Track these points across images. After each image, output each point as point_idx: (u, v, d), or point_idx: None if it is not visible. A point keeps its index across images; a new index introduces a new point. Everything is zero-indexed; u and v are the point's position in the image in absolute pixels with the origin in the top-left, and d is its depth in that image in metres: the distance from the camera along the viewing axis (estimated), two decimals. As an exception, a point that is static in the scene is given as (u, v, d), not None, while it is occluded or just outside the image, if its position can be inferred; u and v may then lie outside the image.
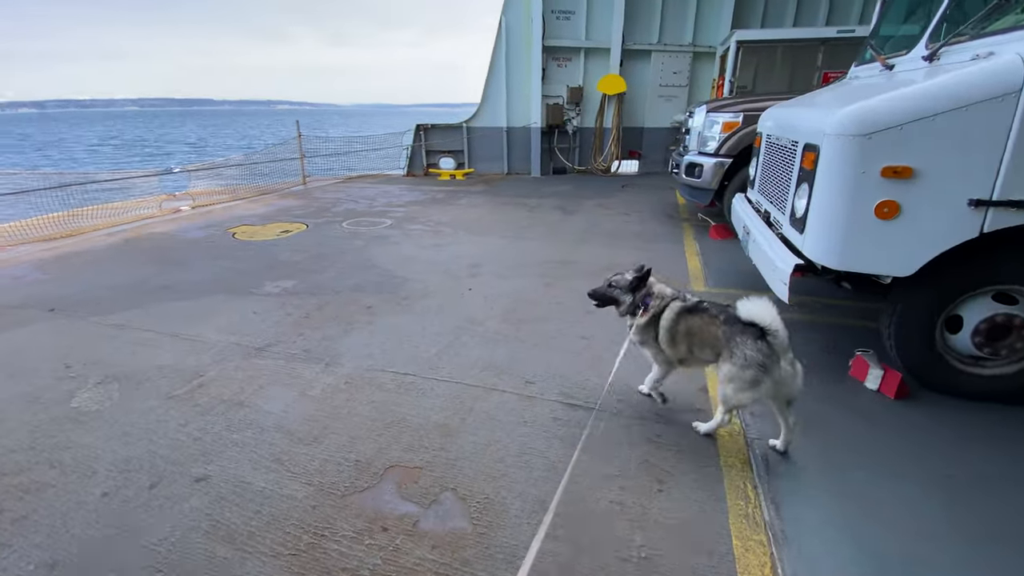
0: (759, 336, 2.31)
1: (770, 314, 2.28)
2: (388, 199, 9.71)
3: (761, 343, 2.30)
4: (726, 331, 2.45)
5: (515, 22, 12.43)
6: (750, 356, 2.32)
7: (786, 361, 2.32)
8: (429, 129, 13.13)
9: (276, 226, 7.51)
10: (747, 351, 2.33)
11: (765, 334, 2.30)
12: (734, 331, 2.41)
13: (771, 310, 2.29)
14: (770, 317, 2.28)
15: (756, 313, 2.31)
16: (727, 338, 2.44)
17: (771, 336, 2.29)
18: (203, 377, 3.33)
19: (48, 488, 2.38)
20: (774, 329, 2.28)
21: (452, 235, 6.98)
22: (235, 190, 10.37)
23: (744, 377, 2.34)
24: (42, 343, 3.83)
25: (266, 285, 5.03)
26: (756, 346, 2.31)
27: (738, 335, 2.38)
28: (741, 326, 2.38)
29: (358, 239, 6.77)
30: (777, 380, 2.31)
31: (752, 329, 2.33)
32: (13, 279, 5.24)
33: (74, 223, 7.50)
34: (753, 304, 2.33)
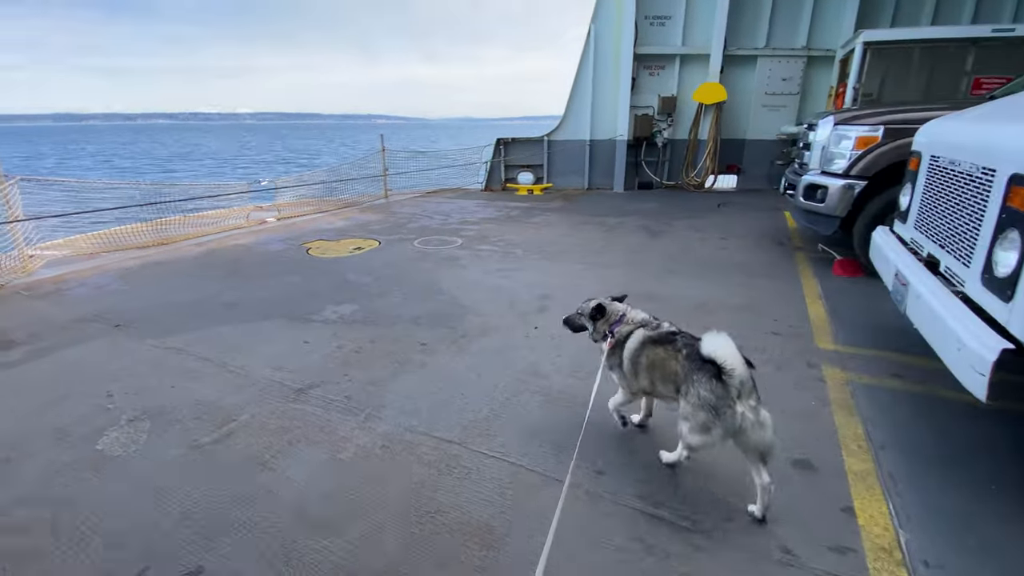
0: (715, 375, 2.09)
1: (729, 351, 2.06)
2: (463, 215, 9.40)
3: (716, 383, 2.09)
4: (685, 367, 2.27)
5: (604, 30, 11.76)
6: (703, 396, 2.13)
7: (746, 407, 2.07)
8: (509, 143, 12.78)
9: (350, 242, 7.40)
10: (701, 390, 2.14)
11: (722, 373, 2.06)
12: (692, 367, 2.21)
13: (730, 347, 2.07)
14: (728, 354, 2.06)
15: (715, 349, 2.09)
16: (685, 374, 2.26)
17: (727, 376, 2.05)
18: (235, 422, 3.00)
19: (33, 560, 2.08)
20: (730, 368, 2.05)
21: (523, 259, 6.43)
22: (320, 202, 10.62)
23: (696, 419, 2.16)
24: (96, 364, 3.75)
25: (326, 309, 4.76)
26: (710, 386, 2.11)
27: (695, 372, 2.19)
28: (700, 363, 2.16)
29: (427, 260, 6.42)
30: (733, 427, 2.07)
31: (709, 367, 2.11)
32: (96, 288, 5.43)
33: (168, 231, 7.90)
34: (714, 339, 2.11)
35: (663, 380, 2.41)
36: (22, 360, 3.83)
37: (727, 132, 11.98)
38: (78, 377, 3.56)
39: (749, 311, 4.56)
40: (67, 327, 4.41)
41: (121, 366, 3.71)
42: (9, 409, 3.19)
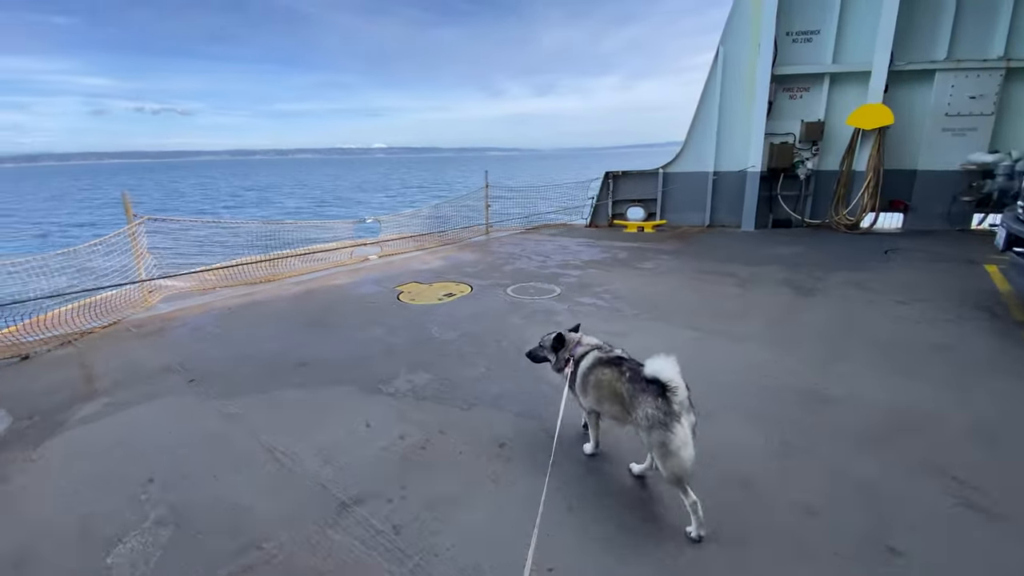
0: (659, 394, 2.26)
1: (672, 371, 2.23)
2: (564, 256, 8.56)
3: (661, 400, 2.26)
4: (629, 389, 2.42)
5: (737, 50, 10.43)
6: (650, 415, 2.28)
7: (688, 422, 2.25)
8: (619, 177, 11.78)
9: (442, 287, 6.90)
10: (648, 409, 2.29)
11: (666, 391, 2.23)
12: (636, 389, 2.37)
13: (674, 367, 2.24)
14: (671, 374, 2.23)
15: (659, 370, 2.25)
16: (630, 396, 2.40)
17: (671, 393, 2.23)
18: (260, 551, 2.38)
19: None
20: (674, 386, 2.22)
21: (632, 319, 5.37)
22: (422, 238, 10.50)
23: (653, 439, 2.28)
24: (155, 432, 3.44)
25: (399, 376, 4.14)
26: (655, 403, 2.27)
27: (640, 393, 2.34)
28: (644, 383, 2.33)
29: (519, 313, 5.64)
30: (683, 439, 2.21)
31: (653, 387, 2.28)
32: (193, 331, 5.42)
33: (277, 267, 8.08)
34: (657, 360, 2.27)
35: (609, 400, 2.55)
36: (92, 417, 3.66)
37: (892, 162, 9.85)
38: (132, 449, 3.25)
39: (985, 440, 3.07)
40: (150, 378, 4.28)
41: (177, 438, 3.35)
42: (54, 485, 2.91)
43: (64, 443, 3.35)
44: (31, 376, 4.42)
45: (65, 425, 3.57)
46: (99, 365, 4.61)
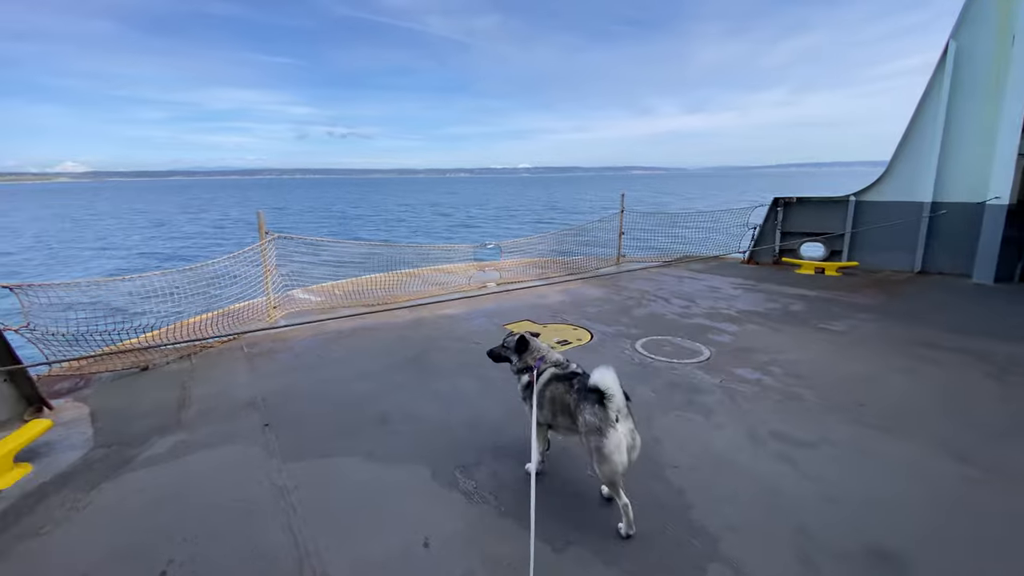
0: (598, 401, 2.40)
1: (609, 380, 2.37)
2: (713, 302, 6.95)
3: (598, 407, 2.40)
4: (575, 399, 2.56)
5: (977, 45, 7.82)
6: (588, 421, 2.43)
7: (625, 428, 2.40)
8: (792, 204, 9.64)
9: (557, 330, 5.89)
10: (586, 415, 2.44)
11: (603, 399, 2.37)
12: (580, 398, 2.52)
13: (611, 376, 2.38)
14: (609, 383, 2.36)
15: (598, 379, 2.38)
16: (575, 405, 2.54)
17: (607, 400, 2.37)
18: None
19: None
20: (610, 394, 2.36)
21: (820, 419, 3.74)
22: (545, 265, 9.65)
23: (591, 443, 2.43)
24: (199, 494, 2.96)
25: (483, 464, 3.21)
26: (593, 410, 2.42)
27: (582, 401, 2.49)
28: (586, 393, 2.47)
29: (648, 383, 4.36)
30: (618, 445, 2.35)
31: (593, 395, 2.42)
32: (294, 357, 5.14)
33: (396, 289, 7.84)
34: (599, 371, 2.40)
35: (561, 412, 2.69)
36: (157, 458, 3.35)
37: None
38: (171, 513, 2.79)
39: None
40: (231, 415, 3.96)
41: (219, 509, 2.81)
42: (80, 552, 2.51)
43: (116, 490, 3.03)
44: (138, 393, 4.41)
45: (131, 464, 3.29)
46: (197, 388, 4.47)
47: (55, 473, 3.20)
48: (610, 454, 2.37)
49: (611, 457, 2.37)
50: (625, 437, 2.39)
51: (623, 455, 2.37)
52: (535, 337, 3.06)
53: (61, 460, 3.34)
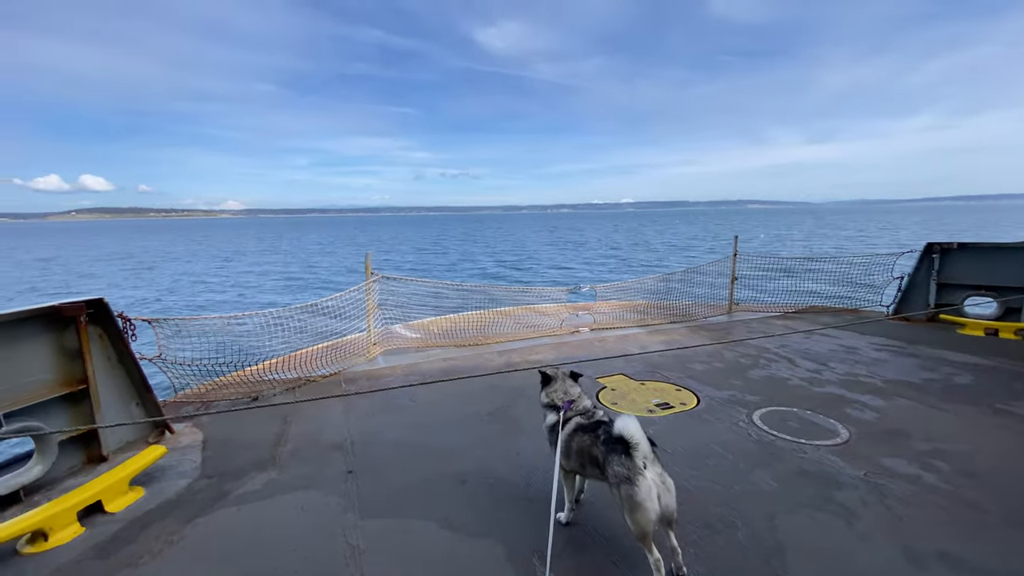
0: (624, 451, 2.41)
1: (633, 429, 2.41)
2: (851, 367, 5.90)
3: (625, 458, 2.41)
4: (602, 451, 2.56)
5: None
6: (617, 472, 2.42)
7: (654, 474, 2.39)
8: (953, 251, 8.10)
9: (656, 389, 5.34)
10: (615, 467, 2.44)
11: (629, 448, 2.38)
12: (607, 450, 2.52)
13: (634, 424, 2.42)
14: (633, 431, 2.40)
15: (622, 428, 2.43)
16: (603, 458, 2.54)
17: (633, 449, 2.38)
18: None
19: None
20: (635, 443, 2.38)
21: (1004, 542, 2.83)
22: (644, 310, 9.05)
23: (621, 494, 2.39)
24: (278, 544, 2.93)
25: (563, 557, 2.84)
26: (620, 460, 2.42)
27: (609, 453, 2.49)
28: (612, 444, 2.49)
29: (770, 468, 3.67)
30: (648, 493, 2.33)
31: (619, 445, 2.44)
32: (385, 397, 5.18)
33: (488, 329, 7.80)
34: (622, 420, 2.46)
35: (589, 463, 2.70)
36: (246, 497, 3.45)
37: None
38: (253, 561, 2.79)
39: None
40: (319, 456, 4.02)
41: (296, 564, 2.76)
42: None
43: (208, 527, 3.13)
44: (245, 424, 4.69)
45: (224, 499, 3.42)
46: (296, 424, 4.65)
47: (162, 500, 3.42)
48: (642, 501, 2.37)
49: (643, 504, 2.37)
50: (655, 483, 2.39)
51: (655, 502, 2.37)
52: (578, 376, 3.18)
53: (169, 488, 3.58)
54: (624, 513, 2.42)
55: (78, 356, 3.88)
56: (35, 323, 3.69)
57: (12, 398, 3.51)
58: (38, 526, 2.92)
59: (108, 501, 3.30)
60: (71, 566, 2.79)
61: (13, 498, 3.37)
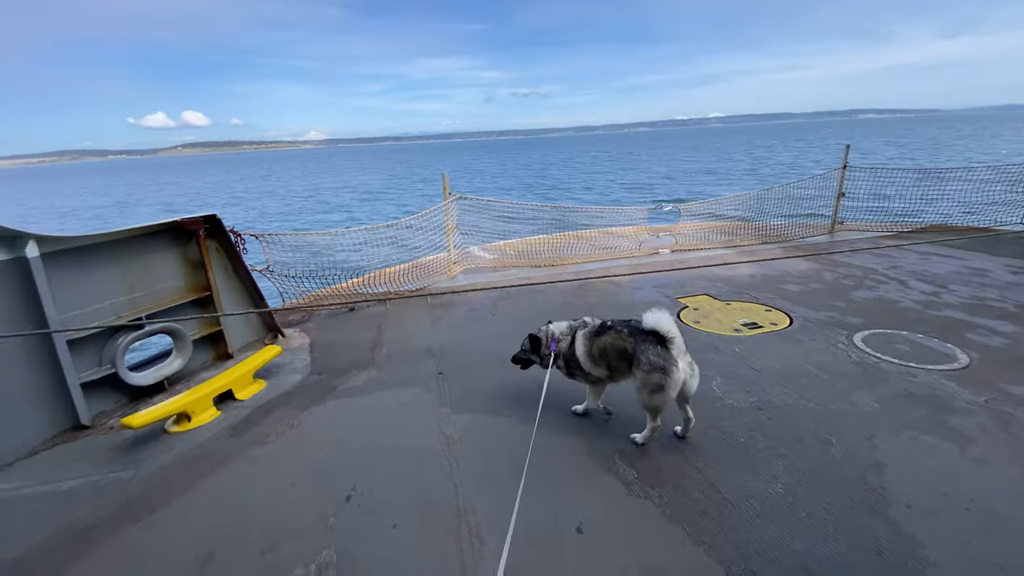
0: (660, 343, 2.69)
1: (667, 320, 2.67)
2: (977, 289, 5.23)
3: (661, 348, 2.68)
4: (632, 342, 2.80)
5: None
6: (653, 361, 2.68)
7: (684, 363, 2.70)
8: None
9: (744, 309, 5.09)
10: (650, 356, 2.70)
11: (665, 340, 2.66)
12: (639, 340, 2.77)
13: (669, 319, 2.67)
14: (667, 323, 2.66)
15: (656, 322, 2.67)
16: (634, 347, 2.78)
17: (669, 342, 2.66)
18: None
19: None
20: (672, 336, 2.66)
21: None
22: (732, 231, 8.47)
23: (651, 381, 2.70)
24: (384, 429, 3.27)
25: (645, 456, 2.91)
26: (656, 351, 2.69)
27: (642, 343, 2.74)
28: (644, 335, 2.74)
29: (871, 390, 3.45)
30: (679, 381, 2.67)
31: (653, 336, 2.70)
32: (468, 312, 5.39)
33: (564, 251, 7.72)
34: (654, 315, 2.70)
35: (617, 359, 2.89)
36: (353, 391, 3.83)
37: None
38: (359, 444, 3.15)
39: None
40: (413, 359, 4.34)
41: (398, 447, 3.09)
42: (286, 466, 2.99)
43: (322, 414, 3.54)
44: (345, 330, 5.13)
45: (333, 392, 3.83)
46: (388, 331, 5.01)
47: (280, 392, 3.89)
48: (668, 388, 2.67)
49: (668, 391, 2.68)
50: (685, 371, 2.68)
51: (677, 388, 2.69)
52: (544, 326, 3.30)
53: (285, 381, 4.05)
54: (644, 393, 2.75)
55: (200, 266, 4.35)
56: (164, 237, 4.14)
57: (153, 302, 4.05)
58: (182, 409, 3.44)
59: (237, 390, 3.81)
60: (211, 442, 3.29)
61: (159, 387, 3.98)
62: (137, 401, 3.83)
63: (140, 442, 3.30)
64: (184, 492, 2.79)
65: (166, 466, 3.04)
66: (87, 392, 3.55)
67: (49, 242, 3.36)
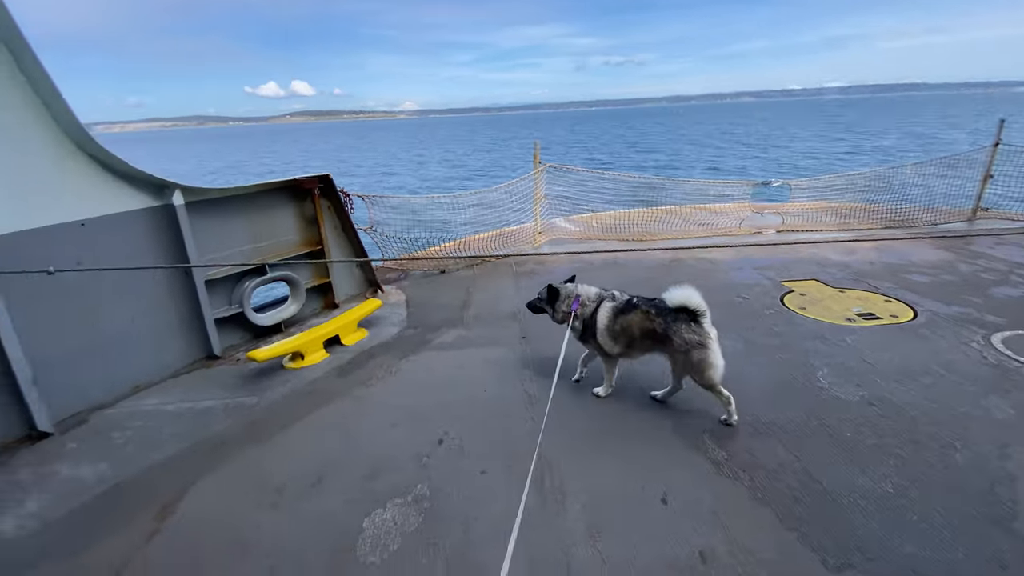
0: (692, 319, 2.70)
1: (696, 296, 2.67)
2: None
3: (695, 325, 2.70)
4: (661, 323, 2.78)
5: None
6: (689, 339, 2.70)
7: (714, 335, 2.72)
8: None
9: (858, 298, 4.66)
10: (684, 335, 2.71)
11: (697, 316, 2.68)
12: (669, 320, 2.76)
13: (696, 293, 2.68)
14: (697, 299, 2.67)
15: (686, 298, 2.68)
16: (664, 328, 2.77)
17: (701, 316, 2.68)
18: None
19: None
20: (703, 310, 2.68)
21: None
22: (849, 213, 7.67)
23: (692, 358, 2.71)
24: (471, 384, 3.44)
25: (736, 438, 2.82)
26: (690, 328, 2.71)
27: (673, 323, 2.74)
28: (673, 314, 2.75)
29: (1006, 395, 3.05)
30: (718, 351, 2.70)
31: (683, 314, 2.72)
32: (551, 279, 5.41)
33: (653, 226, 7.45)
34: (680, 291, 2.70)
35: (641, 339, 2.90)
36: (445, 345, 4.06)
37: None
38: (451, 392, 3.36)
39: None
40: (498, 321, 4.49)
41: (485, 398, 3.25)
42: (387, 406, 3.26)
43: (416, 364, 3.80)
44: (437, 290, 5.39)
45: (427, 345, 4.07)
46: (476, 294, 5.19)
47: (380, 341, 4.20)
48: (714, 361, 2.70)
49: (716, 363, 2.70)
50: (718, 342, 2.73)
51: (722, 360, 2.71)
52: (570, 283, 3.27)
53: (385, 332, 4.37)
54: (694, 374, 2.77)
55: (314, 222, 4.74)
56: (284, 193, 4.55)
57: (274, 252, 4.49)
58: (296, 349, 3.83)
59: (344, 336, 4.17)
60: (321, 380, 3.65)
61: (276, 328, 4.45)
62: (259, 339, 4.32)
63: (262, 374, 3.74)
64: (299, 420, 3.14)
65: (284, 397, 3.43)
66: (219, 327, 4.06)
67: (191, 192, 3.82)
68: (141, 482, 2.68)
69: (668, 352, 2.83)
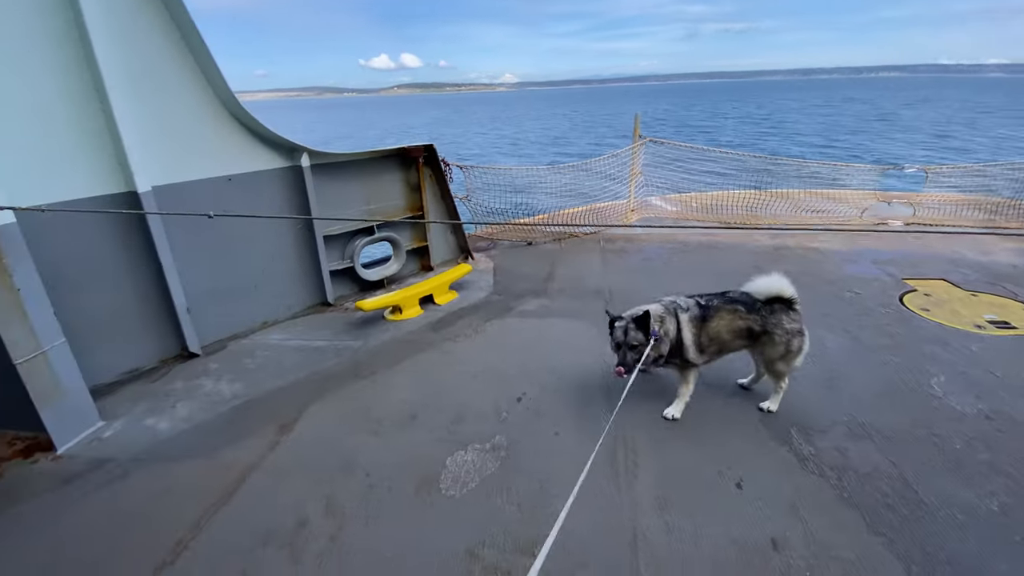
0: (788, 308, 2.62)
1: (787, 283, 2.59)
2: None
3: (792, 312, 2.63)
4: (755, 319, 2.64)
5: None
6: (790, 328, 2.61)
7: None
8: None
9: (993, 303, 4.11)
10: (785, 324, 2.61)
11: (791, 304, 2.61)
12: (764, 314, 2.63)
13: (785, 280, 2.59)
14: (789, 287, 2.59)
15: (780, 288, 2.60)
16: (762, 323, 2.63)
17: (796, 303, 2.62)
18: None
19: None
20: (796, 296, 2.61)
21: None
22: (996, 208, 6.63)
23: (793, 346, 2.62)
24: (549, 349, 3.57)
25: (827, 434, 2.69)
26: (789, 316, 2.62)
27: (771, 314, 2.63)
28: (767, 306, 2.63)
29: None
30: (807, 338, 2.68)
31: (777, 304, 2.62)
32: (642, 260, 5.35)
33: (762, 209, 6.99)
34: (768, 280, 2.62)
35: (732, 338, 2.71)
36: (527, 313, 4.23)
37: None
38: (530, 356, 3.52)
39: None
40: (581, 296, 4.55)
41: (563, 365, 3.38)
42: (472, 361, 3.50)
43: (501, 326, 4.01)
44: (523, 260, 5.55)
45: (511, 312, 4.26)
46: (560, 268, 5.28)
47: (468, 304, 4.46)
48: (802, 347, 2.65)
49: (803, 349, 2.66)
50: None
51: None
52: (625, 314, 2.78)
53: (473, 296, 4.62)
54: (783, 361, 2.66)
55: (416, 189, 5.07)
56: (392, 161, 4.89)
57: (382, 214, 4.88)
58: (396, 303, 4.20)
59: (437, 296, 4.48)
60: (416, 332, 3.98)
61: (379, 284, 4.87)
62: (364, 292, 4.77)
63: (366, 322, 4.16)
64: (396, 364, 3.49)
65: (383, 343, 3.81)
66: (333, 279, 4.54)
67: (316, 155, 4.25)
68: (266, 401, 3.16)
69: (763, 346, 2.70)
